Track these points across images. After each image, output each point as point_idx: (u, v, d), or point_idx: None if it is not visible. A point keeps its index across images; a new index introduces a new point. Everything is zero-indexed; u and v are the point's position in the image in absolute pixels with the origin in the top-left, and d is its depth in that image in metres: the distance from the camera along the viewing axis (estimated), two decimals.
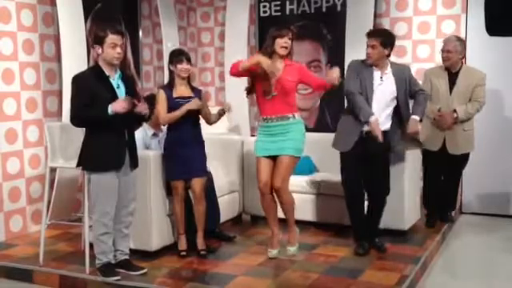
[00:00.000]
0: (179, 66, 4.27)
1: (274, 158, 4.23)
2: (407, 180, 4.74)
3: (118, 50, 3.78)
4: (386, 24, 6.30)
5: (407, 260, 4.22)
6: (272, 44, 4.16)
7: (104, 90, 3.76)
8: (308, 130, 6.04)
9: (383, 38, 4.26)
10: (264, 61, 4.03)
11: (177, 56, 4.31)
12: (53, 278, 4.08)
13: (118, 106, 3.68)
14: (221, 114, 4.47)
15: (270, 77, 4.07)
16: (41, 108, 5.22)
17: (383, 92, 4.27)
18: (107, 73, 3.80)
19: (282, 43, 4.14)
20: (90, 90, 3.71)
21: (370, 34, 4.33)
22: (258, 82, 4.20)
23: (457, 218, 5.67)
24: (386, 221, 4.61)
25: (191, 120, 4.28)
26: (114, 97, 3.77)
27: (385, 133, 4.26)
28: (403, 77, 4.32)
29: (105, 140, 3.77)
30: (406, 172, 4.71)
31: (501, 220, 5.66)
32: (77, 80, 3.78)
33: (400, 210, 4.72)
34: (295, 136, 4.21)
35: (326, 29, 6.59)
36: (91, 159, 3.82)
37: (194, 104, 4.23)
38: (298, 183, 5.06)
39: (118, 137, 3.82)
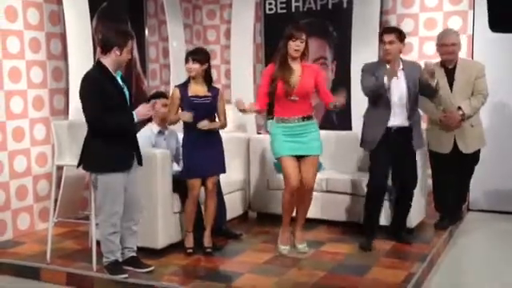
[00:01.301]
0: (186, 66, 4.30)
1: (297, 158, 4.26)
2: None
3: (130, 55, 3.87)
4: (392, 21, 6.29)
5: (414, 258, 4.21)
6: (285, 45, 4.18)
7: (113, 88, 3.77)
8: None
9: (399, 33, 4.32)
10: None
11: (186, 55, 4.33)
12: (60, 276, 4.09)
13: (142, 112, 3.76)
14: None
15: (289, 82, 4.15)
16: (47, 106, 5.23)
17: (399, 88, 4.31)
18: (113, 73, 3.81)
19: (294, 46, 4.16)
20: (101, 90, 3.69)
21: (387, 30, 4.38)
22: (278, 84, 4.19)
23: (464, 215, 5.65)
24: None
25: (208, 119, 4.27)
26: (122, 96, 3.79)
27: (406, 128, 4.36)
28: (414, 75, 4.34)
29: (114, 140, 3.76)
30: None
31: (508, 217, 5.63)
32: (87, 82, 3.74)
33: None
34: (317, 136, 4.32)
35: (332, 26, 6.57)
36: (100, 160, 3.79)
37: (186, 117, 4.19)
38: None
39: (126, 137, 3.83)
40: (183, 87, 4.34)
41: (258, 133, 6.43)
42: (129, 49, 3.80)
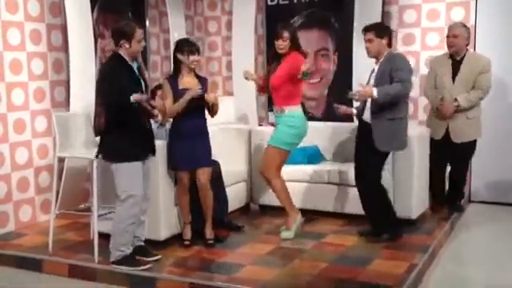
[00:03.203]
0: (192, 58, 4.19)
1: None
2: (415, 169, 4.71)
3: (142, 43, 3.86)
4: (394, 12, 6.24)
5: (416, 249, 4.21)
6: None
7: (131, 79, 3.81)
8: (315, 119, 6.05)
9: (377, 30, 4.27)
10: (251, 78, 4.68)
11: (189, 46, 4.22)
12: (62, 267, 4.10)
13: (137, 96, 3.71)
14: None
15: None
16: (48, 98, 5.22)
17: (372, 83, 4.32)
18: (129, 62, 3.85)
19: (277, 45, 4.37)
20: (120, 80, 3.72)
21: (365, 29, 4.33)
22: None
23: (465, 206, 5.64)
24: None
25: (195, 111, 4.21)
26: (138, 82, 3.85)
27: (368, 125, 4.28)
28: (388, 65, 4.18)
29: (134, 130, 3.82)
30: (415, 162, 4.69)
31: (510, 209, 5.63)
32: (106, 71, 3.83)
33: (408, 199, 4.70)
34: (280, 128, 4.45)
35: (334, 17, 6.53)
36: (123, 149, 3.80)
37: (193, 92, 4.10)
38: (305, 172, 5.06)
39: (144, 127, 3.89)
40: (172, 79, 4.27)
41: (260, 125, 6.41)
42: (138, 39, 3.80)
